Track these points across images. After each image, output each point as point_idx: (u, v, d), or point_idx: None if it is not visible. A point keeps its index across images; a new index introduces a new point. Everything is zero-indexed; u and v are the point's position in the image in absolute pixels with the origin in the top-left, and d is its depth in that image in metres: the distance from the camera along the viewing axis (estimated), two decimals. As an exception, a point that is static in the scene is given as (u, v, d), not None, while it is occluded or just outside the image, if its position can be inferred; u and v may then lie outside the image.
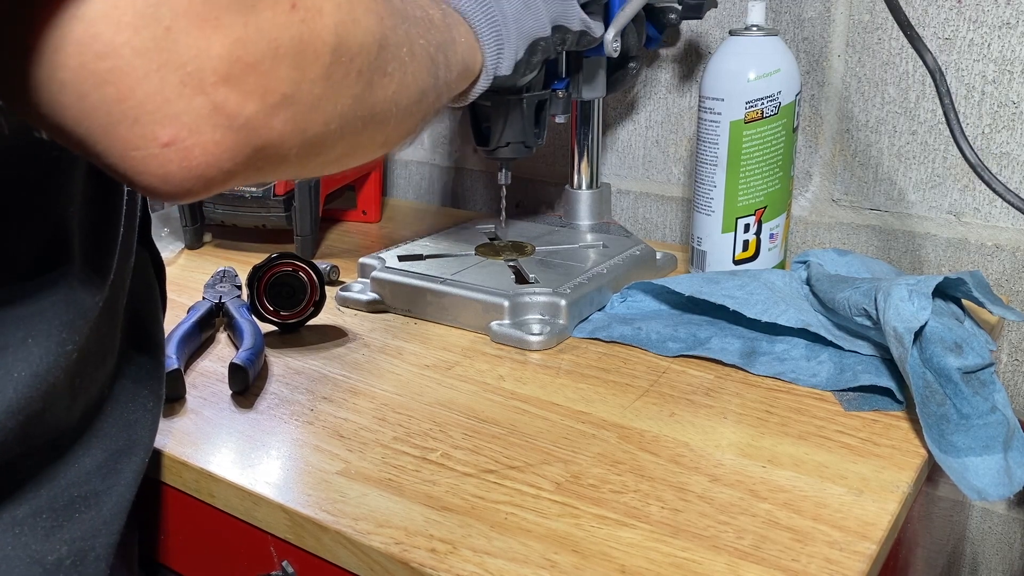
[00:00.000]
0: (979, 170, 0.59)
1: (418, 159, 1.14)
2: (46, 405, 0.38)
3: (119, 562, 0.44)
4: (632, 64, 0.80)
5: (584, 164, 0.87)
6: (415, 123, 0.44)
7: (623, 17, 0.71)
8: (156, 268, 0.53)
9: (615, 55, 0.71)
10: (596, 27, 0.65)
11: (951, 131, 0.61)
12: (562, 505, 0.46)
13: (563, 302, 0.67)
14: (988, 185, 0.59)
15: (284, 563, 0.49)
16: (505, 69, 0.56)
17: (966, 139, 0.61)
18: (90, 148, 0.28)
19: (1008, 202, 0.58)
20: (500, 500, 0.46)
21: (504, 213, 0.78)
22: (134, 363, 0.47)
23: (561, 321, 0.67)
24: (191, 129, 0.28)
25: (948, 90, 0.61)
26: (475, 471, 0.49)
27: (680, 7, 0.78)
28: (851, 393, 0.57)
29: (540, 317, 0.67)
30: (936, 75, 0.62)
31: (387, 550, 0.43)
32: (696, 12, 0.77)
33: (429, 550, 0.42)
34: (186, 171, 0.29)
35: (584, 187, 0.88)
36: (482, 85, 0.55)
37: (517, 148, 0.69)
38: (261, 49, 0.29)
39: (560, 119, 0.78)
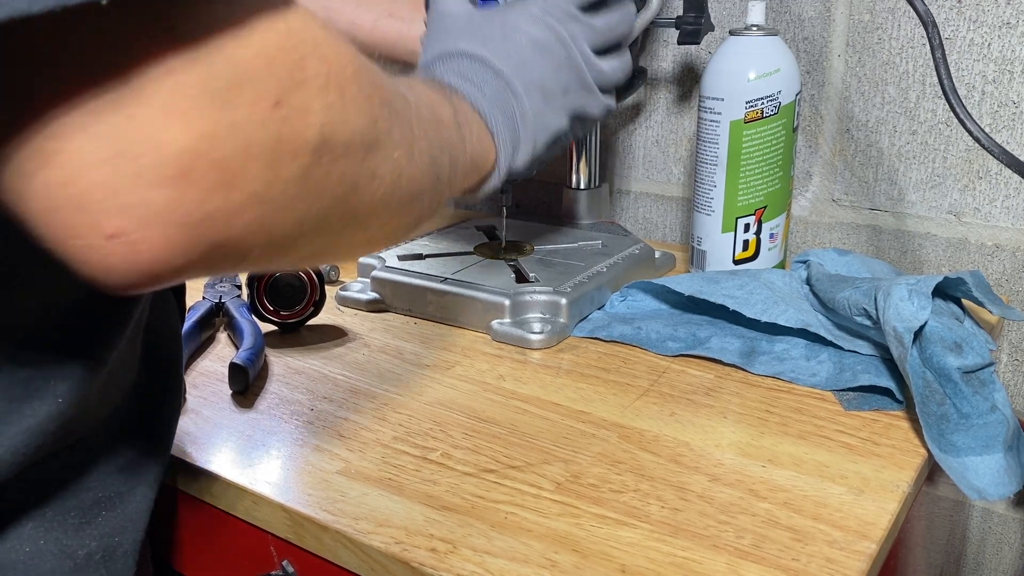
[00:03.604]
0: (967, 124, 0.59)
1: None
2: (78, 413, 0.40)
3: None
4: (637, 79, 0.80)
5: (583, 164, 0.87)
6: (406, 223, 0.41)
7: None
8: None
9: None
10: (612, 100, 0.62)
11: (941, 85, 0.61)
12: (562, 504, 0.46)
13: (564, 301, 0.67)
14: (974, 138, 0.59)
15: (284, 562, 0.49)
16: (520, 164, 0.54)
17: (956, 94, 0.60)
18: (30, 228, 0.26)
19: (993, 154, 0.58)
20: (500, 499, 0.46)
21: (504, 212, 0.78)
22: (153, 369, 0.48)
23: (562, 320, 0.67)
24: (140, 223, 0.26)
25: (941, 42, 0.61)
26: (475, 470, 0.49)
27: (677, 30, 0.77)
28: (851, 393, 0.57)
29: (541, 316, 0.67)
30: (929, 26, 0.61)
31: (387, 549, 0.43)
32: (694, 38, 0.76)
33: (429, 549, 0.42)
34: (130, 265, 0.27)
35: (583, 187, 0.88)
36: (494, 182, 0.53)
37: None
38: (232, 146, 0.27)
39: None
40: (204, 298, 0.71)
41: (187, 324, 0.64)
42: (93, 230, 0.25)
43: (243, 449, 0.52)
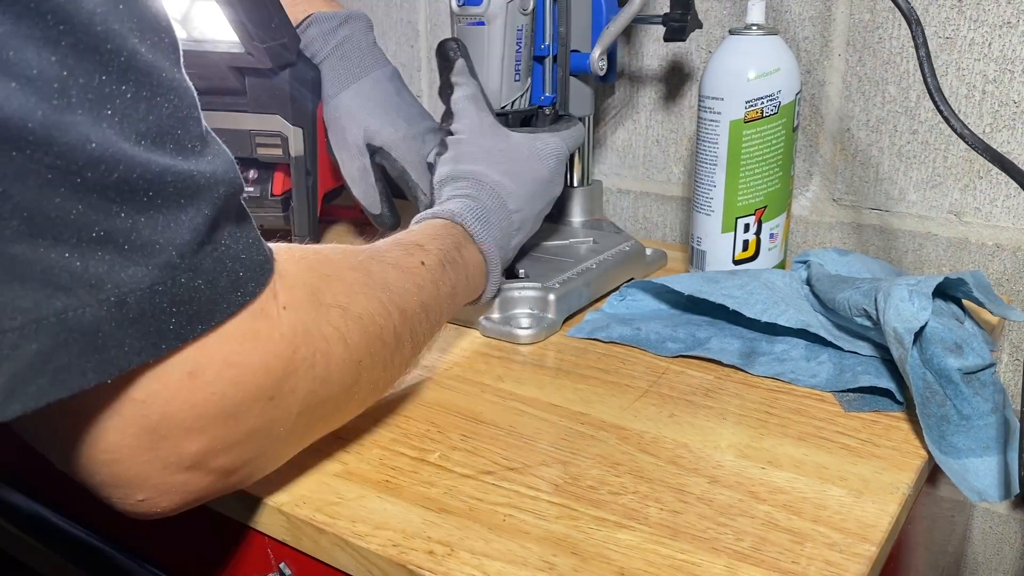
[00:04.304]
0: (951, 121, 0.58)
1: (417, 158, 1.13)
2: None
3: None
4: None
5: (576, 162, 0.87)
6: (371, 403, 0.50)
7: (608, 36, 0.70)
8: None
9: (601, 73, 0.72)
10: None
11: (925, 82, 0.60)
12: (561, 507, 0.45)
13: (552, 296, 0.67)
14: (959, 135, 0.58)
15: (281, 565, 0.49)
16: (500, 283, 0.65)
17: (940, 91, 0.60)
18: (83, 483, 0.36)
19: (977, 150, 0.58)
20: (498, 502, 0.46)
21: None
22: None
23: (550, 316, 0.67)
24: (162, 493, 0.36)
25: (924, 40, 0.60)
26: (473, 472, 0.49)
27: (664, 27, 0.77)
28: (851, 394, 0.57)
29: (529, 311, 0.67)
30: (912, 24, 0.61)
31: (385, 552, 0.42)
32: (679, 35, 0.76)
33: (427, 552, 0.42)
34: (147, 513, 0.37)
35: (575, 184, 0.88)
36: (476, 304, 0.64)
37: None
38: (236, 439, 0.37)
39: None
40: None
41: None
42: (129, 496, 0.36)
43: (240, 451, 0.52)
